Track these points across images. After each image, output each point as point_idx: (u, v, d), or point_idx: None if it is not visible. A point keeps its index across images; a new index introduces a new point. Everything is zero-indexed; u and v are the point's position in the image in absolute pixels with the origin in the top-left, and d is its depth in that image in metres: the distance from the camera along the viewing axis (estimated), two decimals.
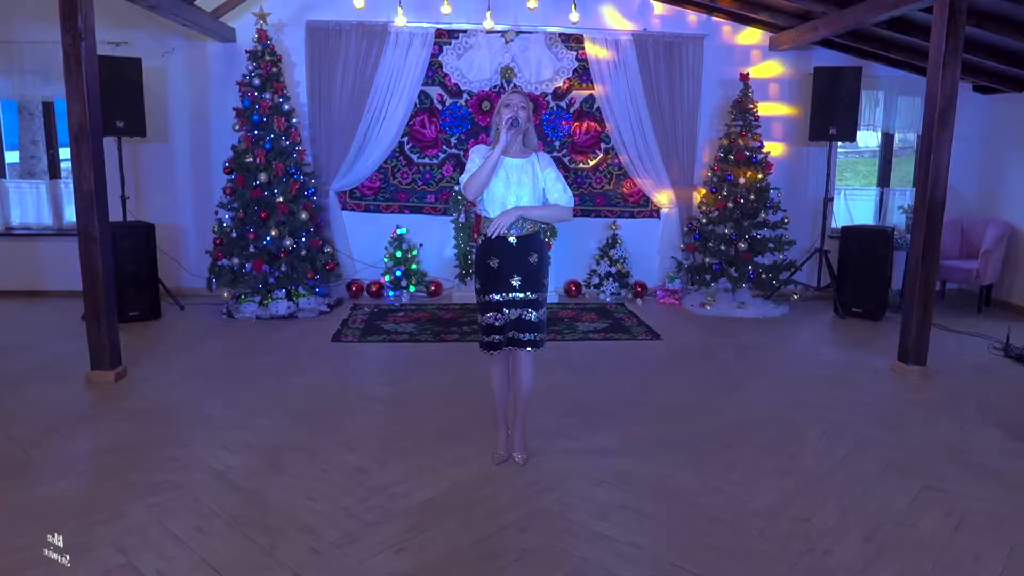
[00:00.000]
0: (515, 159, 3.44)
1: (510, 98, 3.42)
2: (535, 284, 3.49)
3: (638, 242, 7.63)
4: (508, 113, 3.37)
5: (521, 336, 3.49)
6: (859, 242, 6.86)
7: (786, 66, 7.56)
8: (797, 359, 5.63)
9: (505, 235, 3.41)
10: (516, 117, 3.34)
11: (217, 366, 5.21)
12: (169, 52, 7.14)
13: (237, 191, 6.50)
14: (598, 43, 7.25)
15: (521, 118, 3.37)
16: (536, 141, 3.59)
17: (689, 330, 6.39)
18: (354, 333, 6.07)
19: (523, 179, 3.42)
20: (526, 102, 3.43)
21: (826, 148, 7.46)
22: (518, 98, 3.42)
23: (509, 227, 3.40)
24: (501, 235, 3.41)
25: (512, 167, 3.42)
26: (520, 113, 3.38)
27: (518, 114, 3.37)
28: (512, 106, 3.39)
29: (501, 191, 3.40)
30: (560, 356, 5.45)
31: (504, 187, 3.40)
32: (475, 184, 3.35)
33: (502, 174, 3.41)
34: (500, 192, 3.40)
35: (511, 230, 3.41)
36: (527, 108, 3.43)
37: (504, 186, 3.40)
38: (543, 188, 3.48)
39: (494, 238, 3.42)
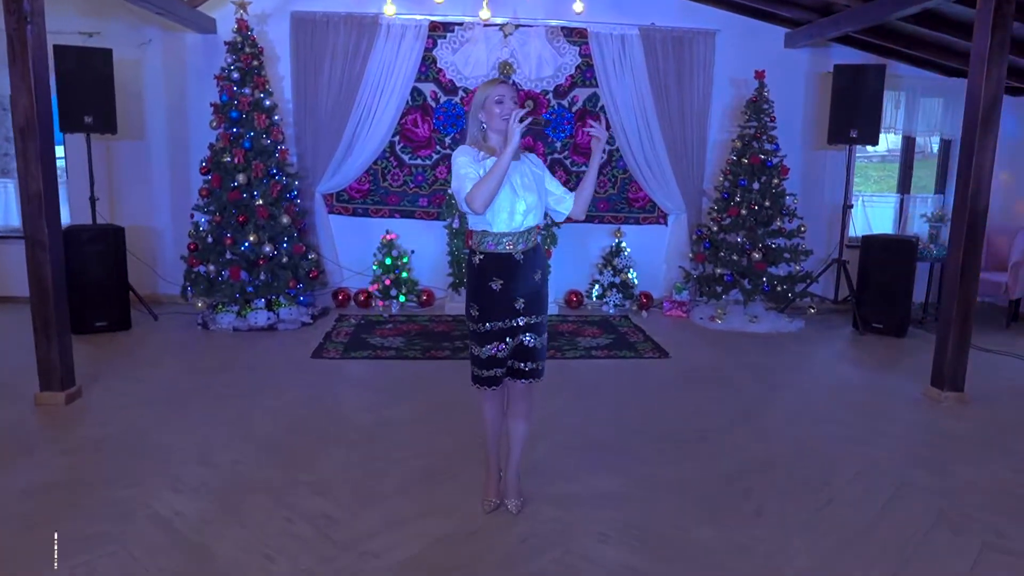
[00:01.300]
0: (516, 162, 2.97)
1: (498, 90, 2.91)
2: (539, 306, 3.02)
3: (644, 250, 7.17)
4: (507, 107, 2.87)
5: (520, 365, 3.02)
6: (881, 252, 6.39)
7: (803, 64, 7.09)
8: (819, 382, 5.16)
9: (511, 252, 2.94)
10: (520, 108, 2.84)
11: (184, 385, 4.74)
12: (145, 44, 6.68)
13: (214, 193, 6.03)
14: (602, 37, 6.79)
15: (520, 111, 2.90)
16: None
17: (699, 347, 5.92)
18: (337, 348, 5.60)
19: (527, 182, 2.94)
20: (514, 92, 2.96)
21: (844, 152, 7.00)
22: (509, 90, 2.93)
23: (516, 241, 2.93)
24: (506, 252, 2.92)
25: (513, 170, 2.93)
26: (515, 108, 2.90)
27: (515, 108, 2.88)
28: (506, 99, 2.91)
29: (509, 198, 2.89)
30: (560, 377, 4.98)
31: (511, 193, 2.89)
32: (484, 193, 2.79)
33: (514, 180, 2.92)
34: (507, 200, 2.89)
35: (518, 244, 2.93)
36: (516, 99, 2.96)
37: (511, 192, 2.89)
38: (547, 191, 3.04)
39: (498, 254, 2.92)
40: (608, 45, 6.79)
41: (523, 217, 2.91)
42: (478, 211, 2.82)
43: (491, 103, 2.91)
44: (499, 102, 2.90)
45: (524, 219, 2.92)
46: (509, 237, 2.93)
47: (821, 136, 7.01)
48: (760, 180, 6.46)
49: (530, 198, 2.92)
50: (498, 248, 2.94)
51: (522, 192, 2.91)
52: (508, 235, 2.92)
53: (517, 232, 2.93)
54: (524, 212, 2.91)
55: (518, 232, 2.93)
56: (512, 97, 2.92)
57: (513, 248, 2.93)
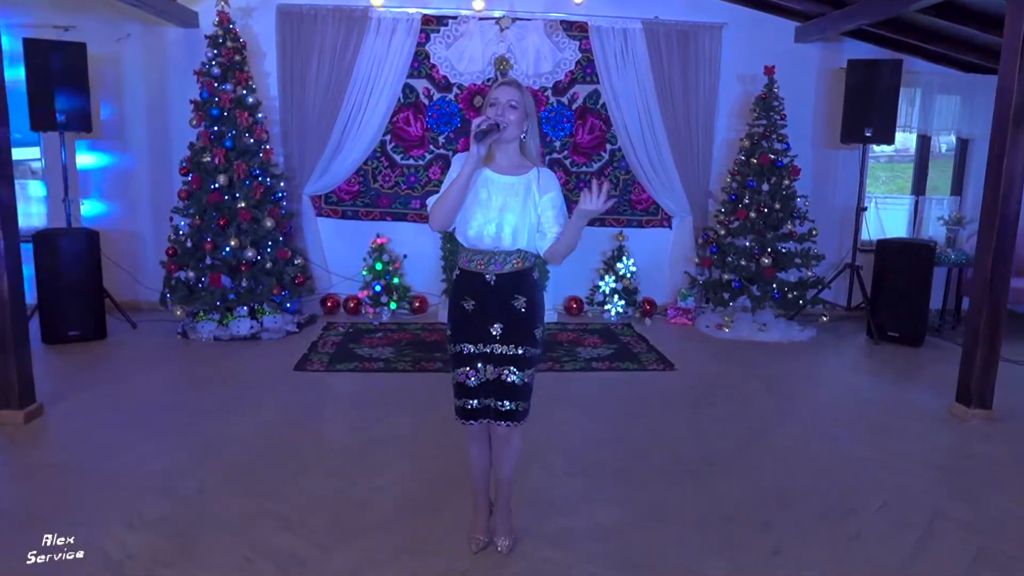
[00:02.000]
0: (505, 176, 2.62)
1: (498, 93, 2.60)
2: (521, 335, 2.67)
3: (647, 254, 6.84)
4: (496, 112, 2.56)
5: (498, 405, 2.69)
6: (897, 257, 6.06)
7: (814, 59, 6.77)
8: (835, 396, 4.84)
9: (482, 272, 2.63)
10: (495, 123, 2.50)
11: (156, 401, 4.42)
12: (123, 38, 6.35)
13: (193, 195, 5.72)
14: (604, 31, 6.46)
15: (509, 120, 2.56)
16: (539, 150, 2.76)
17: (706, 357, 5.59)
18: (322, 359, 5.27)
19: (511, 203, 2.58)
20: (520, 98, 2.60)
21: (857, 151, 6.67)
22: (508, 93, 2.59)
23: (488, 261, 2.62)
24: (477, 271, 2.63)
25: (499, 186, 2.60)
26: (508, 114, 2.56)
27: (504, 116, 2.55)
28: (498, 105, 2.58)
29: (478, 219, 2.59)
30: (559, 391, 4.66)
31: (482, 213, 2.58)
32: (440, 211, 2.55)
33: (483, 195, 2.59)
34: (477, 220, 2.59)
35: (490, 265, 2.62)
36: (521, 106, 2.60)
37: (482, 212, 2.58)
38: (538, 216, 2.65)
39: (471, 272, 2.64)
40: (610, 39, 6.47)
41: (493, 239, 2.61)
42: (434, 228, 2.59)
43: (487, 105, 2.60)
44: (492, 104, 2.59)
45: (496, 240, 2.61)
46: (480, 256, 2.64)
47: (833, 135, 6.68)
48: (770, 181, 6.13)
49: (507, 220, 2.59)
50: (470, 266, 2.66)
51: (498, 214, 2.59)
52: (479, 254, 2.64)
53: (489, 252, 2.63)
54: (494, 234, 2.59)
55: (490, 252, 2.62)
56: (511, 102, 2.58)
57: (484, 269, 2.63)
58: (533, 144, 2.69)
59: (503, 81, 2.68)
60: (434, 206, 2.57)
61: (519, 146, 2.67)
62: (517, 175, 2.64)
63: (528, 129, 2.65)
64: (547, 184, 2.67)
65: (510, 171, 2.64)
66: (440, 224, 2.57)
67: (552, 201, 2.65)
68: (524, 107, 2.61)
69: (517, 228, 2.60)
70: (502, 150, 2.64)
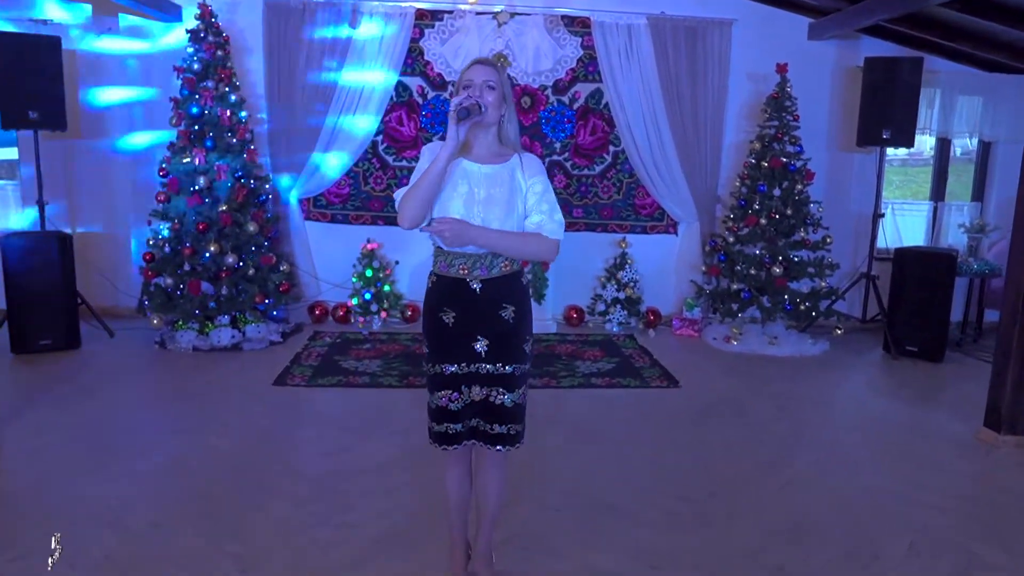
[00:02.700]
0: (484, 165, 2.32)
1: (472, 74, 2.31)
2: (510, 352, 2.36)
3: (651, 262, 6.51)
4: (473, 94, 2.26)
5: (488, 428, 2.38)
6: (917, 267, 5.72)
7: (828, 57, 6.43)
8: (852, 418, 4.51)
9: (464, 278, 2.31)
10: (476, 103, 2.22)
11: (120, 419, 4.12)
12: (105, 33, 6.06)
13: (172, 197, 5.43)
14: (607, 27, 6.14)
15: (487, 102, 2.27)
16: (518, 135, 2.45)
17: (713, 373, 5.26)
18: (304, 373, 4.97)
19: (496, 194, 2.29)
20: (496, 78, 2.32)
21: (873, 155, 6.33)
22: (484, 73, 2.30)
23: (472, 265, 2.31)
24: (459, 277, 2.32)
25: (479, 177, 2.29)
26: (485, 95, 2.27)
27: (482, 97, 2.26)
28: (474, 86, 2.28)
29: (459, 210, 2.27)
30: (554, 412, 4.34)
31: (464, 206, 2.26)
32: (412, 204, 2.24)
33: (462, 187, 2.27)
34: (457, 211, 2.27)
35: (475, 269, 2.31)
36: (499, 87, 2.31)
37: (464, 204, 2.26)
38: (525, 206, 2.36)
39: (451, 278, 2.32)
40: (613, 36, 6.15)
41: None
42: (404, 225, 2.25)
43: (460, 88, 2.29)
44: (466, 87, 2.28)
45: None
46: (462, 260, 2.31)
47: (848, 137, 6.35)
48: (781, 186, 5.80)
49: (492, 213, 2.28)
50: (449, 271, 2.33)
51: (482, 207, 2.28)
52: (461, 257, 2.31)
53: (472, 254, 2.30)
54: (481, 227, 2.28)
55: (474, 254, 2.30)
56: (488, 82, 2.29)
57: (467, 273, 2.31)
58: (512, 129, 2.40)
59: (477, 60, 2.37)
60: (404, 199, 2.26)
61: (497, 131, 2.37)
62: (499, 163, 2.34)
63: (506, 113, 2.35)
64: (532, 169, 2.37)
65: (490, 160, 2.34)
66: (412, 220, 2.24)
67: (540, 188, 2.34)
68: (502, 88, 2.32)
69: (503, 223, 2.29)
70: (479, 137, 2.34)
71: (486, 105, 2.25)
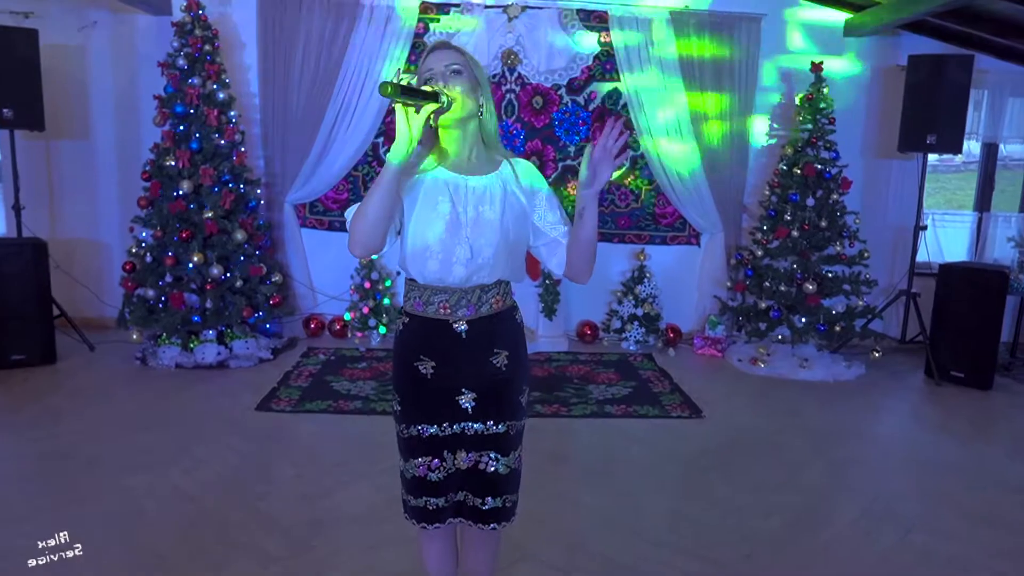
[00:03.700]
0: (472, 177, 1.86)
1: (431, 62, 1.84)
2: (503, 407, 1.93)
3: (671, 275, 6.04)
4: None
5: (478, 503, 1.95)
6: (964, 285, 5.21)
7: (867, 55, 5.94)
8: (897, 459, 4.02)
9: (447, 319, 1.87)
10: (435, 88, 1.74)
11: (84, 448, 3.72)
12: (88, 27, 5.69)
13: (154, 203, 5.04)
14: (626, 22, 5.69)
15: (455, 87, 1.80)
16: (498, 131, 1.98)
17: (739, 401, 4.79)
18: (291, 396, 4.55)
19: (487, 213, 1.83)
20: (464, 60, 1.86)
21: (914, 161, 5.83)
22: (445, 57, 1.84)
23: (455, 302, 1.86)
24: (440, 319, 1.87)
25: (465, 192, 1.84)
26: (452, 82, 1.80)
27: (448, 87, 1.79)
28: (436, 76, 1.82)
29: (442, 241, 1.81)
30: (561, 447, 3.90)
31: (447, 230, 1.81)
32: (359, 225, 1.75)
33: (443, 206, 1.82)
34: (441, 243, 1.81)
35: (459, 308, 1.86)
36: (467, 69, 1.84)
37: (448, 228, 1.81)
38: (532, 221, 1.91)
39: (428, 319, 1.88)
40: (633, 31, 5.69)
41: (467, 268, 1.83)
42: (354, 252, 1.78)
43: (421, 82, 1.84)
44: (428, 80, 1.83)
45: (470, 270, 1.84)
46: (443, 296, 1.87)
47: (886, 142, 5.86)
48: (815, 195, 5.33)
49: (484, 236, 1.83)
50: (427, 310, 1.88)
51: (472, 228, 1.83)
52: (442, 293, 1.86)
53: (456, 289, 1.86)
54: (468, 261, 1.83)
55: (458, 290, 1.86)
56: (452, 66, 1.82)
57: (450, 313, 1.86)
58: (492, 125, 1.92)
59: (434, 45, 1.89)
60: (354, 219, 1.77)
61: (477, 130, 1.90)
62: (486, 173, 1.88)
63: (485, 104, 1.88)
64: (529, 179, 1.93)
65: (476, 169, 1.88)
66: (364, 245, 1.76)
67: (548, 200, 1.93)
68: (470, 71, 1.85)
69: (498, 249, 1.84)
70: (457, 139, 1.87)
71: (448, 95, 1.76)
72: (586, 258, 1.89)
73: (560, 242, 1.92)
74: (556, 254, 1.94)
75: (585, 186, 1.77)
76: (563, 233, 1.92)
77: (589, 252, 1.88)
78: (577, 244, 1.87)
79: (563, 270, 1.94)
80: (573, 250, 1.90)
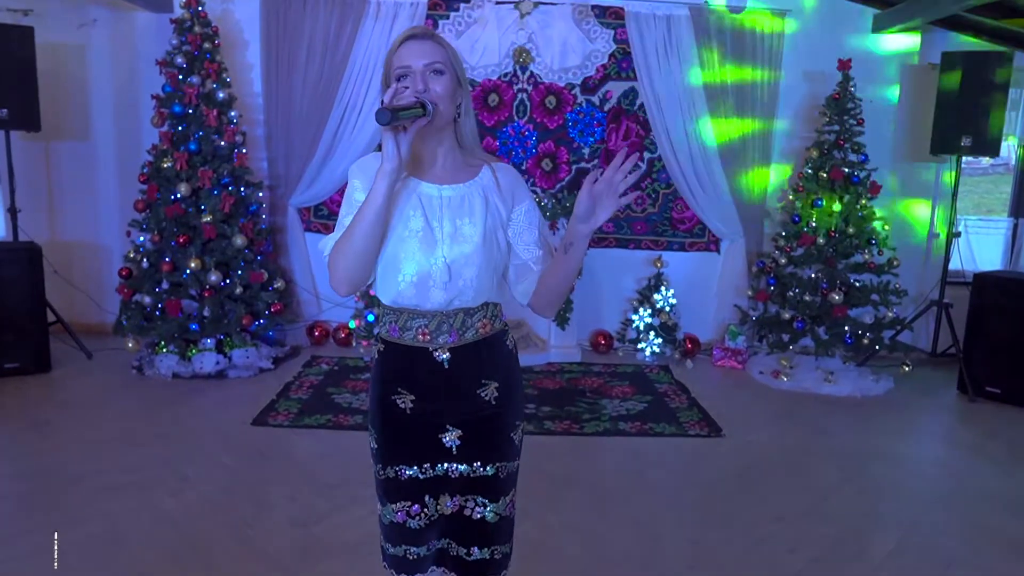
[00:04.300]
0: (445, 186, 1.63)
1: (406, 55, 1.58)
2: (493, 446, 1.71)
3: (690, 283, 5.79)
4: (415, 88, 1.56)
5: (463, 553, 1.72)
6: (1001, 295, 4.92)
7: (895, 53, 5.65)
8: (932, 485, 3.75)
9: (426, 346, 1.65)
10: (422, 100, 1.50)
11: (67, 466, 3.53)
12: (88, 24, 5.54)
13: (151, 206, 4.87)
14: (643, 19, 5.44)
15: (436, 95, 1.56)
16: (476, 134, 1.72)
17: (761, 418, 4.54)
18: (290, 409, 4.35)
19: (466, 228, 1.61)
20: (446, 56, 1.61)
21: (946, 164, 5.55)
22: (426, 52, 1.58)
23: (435, 327, 1.64)
24: (418, 346, 1.65)
25: (439, 204, 1.62)
26: (434, 86, 1.57)
27: (428, 87, 1.56)
28: (413, 74, 1.57)
29: (415, 261, 1.59)
30: (572, 468, 3.67)
31: (422, 249, 1.58)
32: (345, 261, 1.54)
33: (415, 222, 1.59)
34: (413, 263, 1.59)
35: (439, 333, 1.64)
36: (449, 68, 1.60)
37: (422, 247, 1.58)
38: (506, 234, 1.68)
39: (406, 347, 1.66)
40: (650, 28, 5.44)
41: (446, 291, 1.61)
42: (339, 291, 1.58)
43: (392, 77, 1.61)
44: (401, 75, 1.59)
45: (450, 294, 1.62)
46: (422, 321, 1.64)
47: (917, 144, 5.57)
48: (842, 200, 5.06)
49: (462, 253, 1.60)
50: (403, 337, 1.65)
51: (445, 246, 1.60)
52: (420, 318, 1.63)
53: (437, 313, 1.63)
54: (444, 284, 1.60)
55: (439, 313, 1.63)
56: (434, 66, 1.58)
57: (430, 340, 1.64)
58: (469, 126, 1.68)
59: (410, 33, 1.63)
60: (335, 254, 1.57)
61: (453, 132, 1.67)
62: (464, 181, 1.65)
63: (463, 104, 1.65)
64: (512, 188, 1.70)
65: (452, 177, 1.65)
66: (351, 282, 1.57)
67: (528, 215, 1.69)
68: (452, 69, 1.62)
69: (481, 268, 1.62)
70: (430, 144, 1.64)
71: (432, 102, 1.53)
72: (559, 294, 1.69)
73: (531, 268, 1.70)
74: (524, 280, 1.71)
75: (581, 220, 1.55)
76: (536, 259, 1.70)
77: (564, 289, 1.68)
78: (553, 278, 1.66)
79: (528, 299, 1.72)
80: (547, 282, 1.68)
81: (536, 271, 1.69)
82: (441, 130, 1.62)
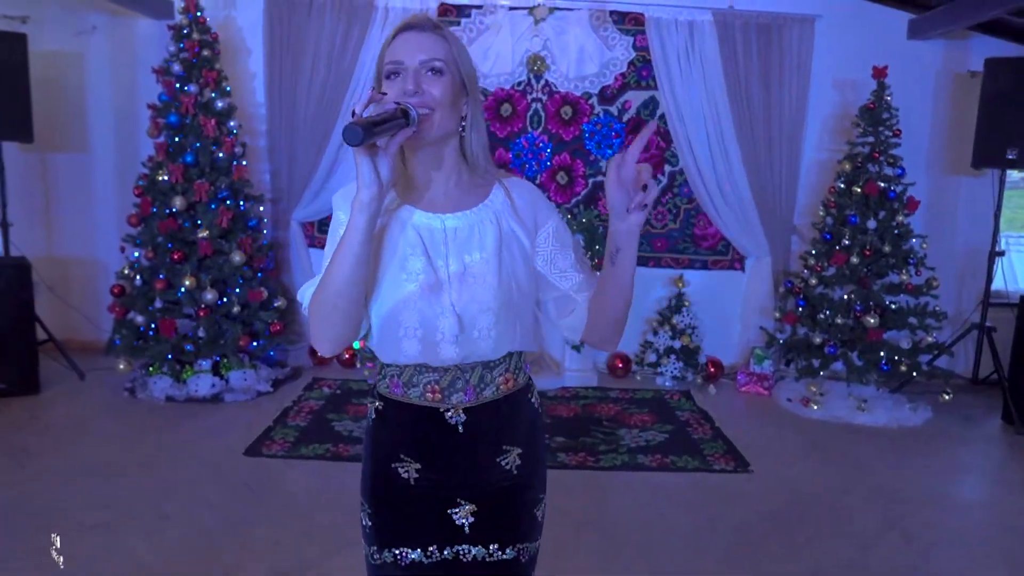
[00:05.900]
0: (448, 215, 1.36)
1: (399, 50, 1.32)
2: (513, 525, 1.42)
3: (713, 303, 5.48)
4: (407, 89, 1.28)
5: None
6: None
7: (934, 60, 5.35)
8: (984, 533, 3.41)
9: (438, 407, 1.36)
10: (406, 107, 1.22)
11: (41, 499, 3.27)
12: (87, 32, 5.34)
13: (145, 220, 4.64)
14: (664, 24, 5.17)
15: (433, 100, 1.29)
16: (487, 148, 1.42)
17: (791, 451, 4.21)
18: (287, 437, 4.08)
19: (476, 266, 1.34)
20: (448, 52, 1.33)
21: (988, 178, 5.21)
22: (422, 47, 1.31)
23: (449, 383, 1.37)
24: (427, 406, 1.37)
25: (441, 237, 1.35)
26: (431, 89, 1.29)
27: (420, 89, 1.28)
28: (405, 72, 1.30)
29: (417, 303, 1.31)
30: (586, 509, 3.36)
31: (424, 295, 1.31)
32: (326, 316, 1.28)
33: (414, 262, 1.32)
34: (415, 304, 1.31)
35: (452, 391, 1.36)
36: (450, 68, 1.32)
37: (422, 292, 1.31)
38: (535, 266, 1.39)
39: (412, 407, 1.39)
40: (672, 35, 5.16)
41: (458, 346, 1.32)
42: (321, 351, 1.33)
43: (380, 77, 1.34)
44: (391, 74, 1.31)
45: (465, 349, 1.33)
46: (431, 376, 1.36)
47: (957, 157, 5.25)
48: (877, 216, 4.74)
49: (480, 300, 1.32)
50: (409, 394, 1.37)
51: (453, 289, 1.32)
52: (430, 372, 1.36)
53: (451, 367, 1.36)
54: (459, 336, 1.31)
55: (453, 367, 1.35)
56: (432, 63, 1.30)
57: (441, 399, 1.35)
58: (478, 140, 1.39)
59: (408, 23, 1.35)
60: (315, 305, 1.30)
61: (457, 147, 1.39)
62: (471, 207, 1.37)
63: (469, 113, 1.37)
64: (531, 207, 1.41)
65: (456, 203, 1.37)
66: (331, 340, 1.31)
67: (557, 236, 1.41)
68: (456, 69, 1.33)
69: (500, 314, 1.32)
70: (425, 163, 1.36)
71: (416, 108, 1.24)
72: (618, 318, 1.38)
73: (574, 298, 1.41)
74: (569, 313, 1.43)
75: (619, 217, 1.25)
76: (578, 285, 1.41)
77: (623, 309, 1.36)
78: (606, 298, 1.36)
79: (580, 335, 1.42)
80: (600, 306, 1.38)
81: (581, 300, 1.41)
82: (440, 145, 1.34)
